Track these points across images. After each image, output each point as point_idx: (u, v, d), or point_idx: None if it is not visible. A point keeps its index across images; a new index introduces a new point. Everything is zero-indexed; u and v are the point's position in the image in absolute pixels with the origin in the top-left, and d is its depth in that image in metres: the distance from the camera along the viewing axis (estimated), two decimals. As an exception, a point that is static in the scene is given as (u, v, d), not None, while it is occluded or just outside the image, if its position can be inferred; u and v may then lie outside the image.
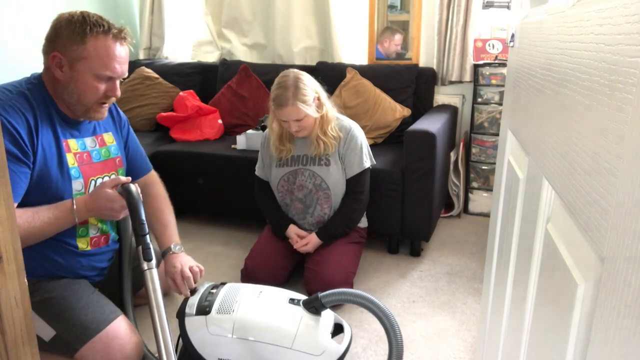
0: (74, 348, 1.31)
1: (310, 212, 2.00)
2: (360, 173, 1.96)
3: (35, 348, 0.75)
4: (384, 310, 1.26)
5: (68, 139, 1.39)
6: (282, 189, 2.02)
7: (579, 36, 0.50)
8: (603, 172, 0.40)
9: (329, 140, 1.91)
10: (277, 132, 1.95)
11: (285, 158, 1.98)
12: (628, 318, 0.35)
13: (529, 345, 0.66)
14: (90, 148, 1.45)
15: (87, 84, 1.32)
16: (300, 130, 1.90)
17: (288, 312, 1.35)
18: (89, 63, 1.30)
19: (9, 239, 0.67)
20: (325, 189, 1.96)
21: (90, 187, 1.42)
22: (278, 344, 1.30)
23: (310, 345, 1.31)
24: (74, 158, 1.39)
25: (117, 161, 1.52)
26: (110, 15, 3.36)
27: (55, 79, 1.33)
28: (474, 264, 2.20)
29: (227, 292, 1.42)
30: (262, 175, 2.09)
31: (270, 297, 1.41)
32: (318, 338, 1.32)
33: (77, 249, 1.42)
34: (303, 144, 1.97)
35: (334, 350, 1.32)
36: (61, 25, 1.31)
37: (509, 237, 0.87)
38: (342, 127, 1.96)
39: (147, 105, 3.05)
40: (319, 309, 1.35)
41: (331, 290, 1.34)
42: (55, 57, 1.30)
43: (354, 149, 1.94)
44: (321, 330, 1.35)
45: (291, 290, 1.47)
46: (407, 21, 2.93)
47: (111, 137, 1.53)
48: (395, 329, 1.24)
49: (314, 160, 1.96)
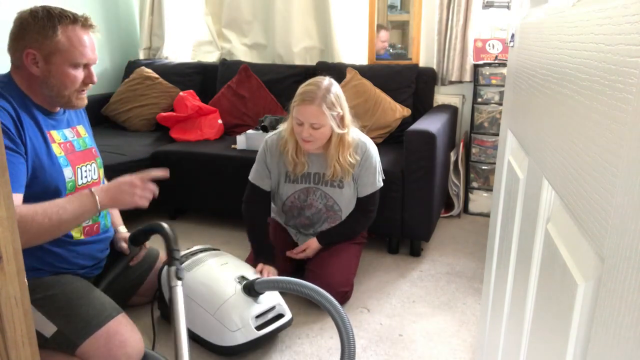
0: (75, 344, 1.32)
1: (315, 227, 2.00)
2: (372, 193, 1.94)
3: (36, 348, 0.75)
4: (322, 293, 1.37)
5: (50, 130, 1.42)
6: (290, 205, 1.97)
7: (579, 36, 0.50)
8: (603, 172, 0.40)
9: (345, 166, 1.83)
10: (294, 142, 1.84)
11: (298, 174, 1.89)
12: (628, 318, 0.35)
13: (529, 345, 0.66)
14: (71, 138, 1.49)
15: (65, 74, 1.35)
16: (311, 142, 1.77)
17: (227, 286, 1.57)
18: (64, 54, 1.33)
19: (9, 239, 0.67)
20: (337, 211, 1.94)
21: (78, 175, 1.45)
22: (204, 307, 1.55)
23: (229, 320, 1.52)
24: (59, 147, 1.42)
25: (93, 151, 1.56)
26: (111, 15, 3.37)
27: (31, 75, 1.34)
28: (474, 264, 2.20)
29: (201, 256, 1.72)
30: (262, 185, 1.93)
31: (226, 270, 1.66)
32: (239, 316, 1.52)
33: (72, 238, 1.45)
34: (318, 161, 1.89)
35: (249, 332, 1.52)
36: (28, 22, 1.32)
37: (509, 237, 0.87)
38: (357, 146, 1.86)
39: (147, 105, 3.05)
40: (251, 292, 1.55)
41: (269, 277, 1.56)
42: (29, 54, 1.32)
43: (369, 169, 1.89)
44: (247, 311, 1.55)
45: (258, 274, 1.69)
46: (407, 21, 2.93)
47: (83, 129, 1.57)
48: (339, 310, 1.34)
49: (326, 181, 1.89)
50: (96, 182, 1.54)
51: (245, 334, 1.52)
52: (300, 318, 1.78)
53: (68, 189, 1.41)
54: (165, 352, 1.61)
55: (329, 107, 1.73)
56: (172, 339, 1.66)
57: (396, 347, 1.63)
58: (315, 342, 1.67)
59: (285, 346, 1.65)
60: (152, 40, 3.47)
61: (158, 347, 1.63)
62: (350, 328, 1.32)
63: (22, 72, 1.35)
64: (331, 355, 1.60)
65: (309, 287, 1.40)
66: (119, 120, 3.11)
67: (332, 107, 1.74)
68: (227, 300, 1.53)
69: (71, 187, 1.42)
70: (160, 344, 1.65)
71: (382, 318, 1.80)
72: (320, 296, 1.37)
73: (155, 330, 1.69)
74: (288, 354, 1.61)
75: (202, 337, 1.58)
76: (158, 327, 1.71)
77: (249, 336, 1.52)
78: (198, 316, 1.57)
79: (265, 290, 1.54)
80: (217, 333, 1.53)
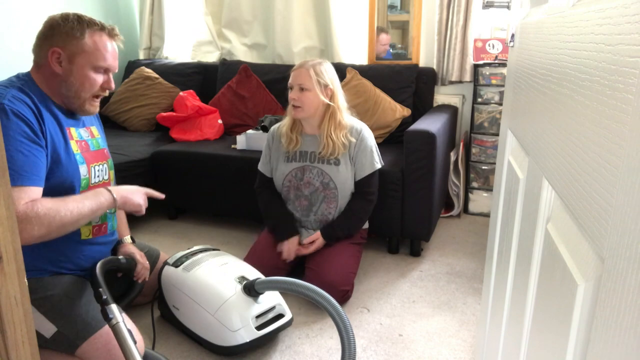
0: (75, 344, 1.32)
1: (314, 210, 2.00)
2: (371, 174, 1.97)
3: (36, 348, 0.75)
4: (322, 294, 1.38)
5: (70, 127, 1.44)
6: (288, 184, 2.01)
7: (579, 36, 0.50)
8: (603, 172, 0.40)
9: (338, 143, 1.92)
10: (291, 119, 1.98)
11: (293, 152, 1.99)
12: (628, 318, 0.35)
13: (529, 345, 0.66)
14: (86, 137, 1.51)
15: (85, 76, 1.39)
16: (300, 107, 1.90)
17: (228, 286, 1.57)
18: (88, 56, 1.38)
19: (9, 239, 0.67)
20: (332, 189, 1.96)
21: (92, 173, 1.47)
22: (204, 307, 1.56)
23: (230, 320, 1.52)
24: (76, 145, 1.44)
25: (105, 152, 1.59)
26: (111, 15, 3.37)
27: (53, 74, 1.37)
28: (474, 264, 2.20)
29: (201, 256, 1.72)
30: (265, 170, 2.08)
31: (226, 270, 1.67)
32: (240, 316, 1.53)
33: (80, 236, 1.46)
34: (313, 142, 1.98)
35: (250, 332, 1.53)
36: (58, 23, 1.37)
37: (509, 237, 0.87)
38: (352, 129, 1.96)
39: (147, 105, 3.05)
40: (251, 292, 1.55)
41: (269, 277, 1.55)
42: (55, 52, 1.35)
43: (365, 151, 1.95)
44: (247, 310, 1.55)
45: (257, 272, 1.70)
46: (407, 21, 2.93)
47: (96, 130, 1.59)
48: (339, 311, 1.34)
49: (322, 158, 1.96)
50: (107, 183, 1.55)
51: (246, 333, 1.52)
52: (300, 318, 1.78)
53: (82, 186, 1.43)
54: (166, 352, 1.61)
55: (316, 74, 1.90)
56: (172, 339, 1.67)
57: (396, 347, 1.63)
58: (315, 342, 1.67)
59: (285, 346, 1.65)
60: (152, 40, 3.47)
61: (158, 347, 1.63)
62: (351, 329, 1.32)
63: (44, 70, 1.38)
64: (331, 355, 1.60)
65: (309, 288, 1.40)
66: (119, 120, 3.11)
67: (320, 75, 1.91)
68: (228, 300, 1.53)
69: (85, 184, 1.44)
70: (160, 343, 1.65)
71: (382, 318, 1.80)
72: (320, 297, 1.37)
73: (155, 330, 1.69)
74: (288, 354, 1.61)
75: (202, 337, 1.58)
76: (158, 327, 1.71)
77: (249, 336, 1.52)
78: (198, 316, 1.57)
79: (265, 290, 1.55)
80: (218, 333, 1.53)
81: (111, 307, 1.30)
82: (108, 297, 1.32)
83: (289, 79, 1.95)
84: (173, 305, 1.66)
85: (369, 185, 1.98)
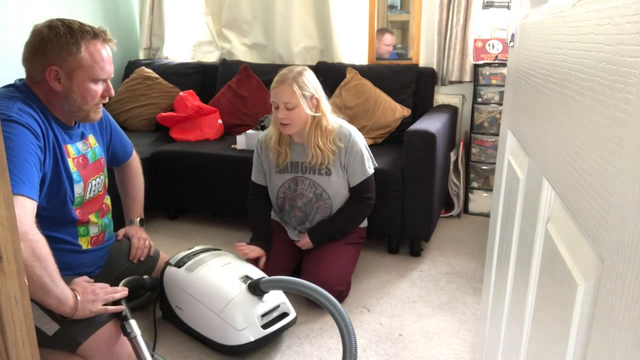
0: (77, 342, 1.32)
1: (310, 219, 2.00)
2: (364, 180, 1.93)
3: (36, 348, 0.75)
4: (325, 295, 1.38)
5: (67, 144, 1.43)
6: (282, 195, 1.99)
7: (579, 36, 0.50)
8: (603, 172, 0.40)
9: (327, 151, 1.86)
10: (277, 131, 1.91)
11: (284, 164, 1.94)
12: (628, 318, 0.35)
13: (529, 345, 0.66)
14: (84, 151, 1.50)
15: (86, 89, 1.37)
16: (288, 125, 1.82)
17: (232, 285, 1.57)
18: (87, 70, 1.35)
19: (9, 239, 0.67)
20: (326, 199, 1.94)
21: (88, 189, 1.47)
22: (209, 307, 1.55)
23: (235, 319, 1.52)
24: (72, 163, 1.43)
25: (102, 162, 1.58)
26: (111, 15, 3.37)
27: (51, 90, 1.35)
28: (474, 264, 2.20)
29: (203, 256, 1.72)
30: (259, 180, 2.03)
31: (229, 270, 1.65)
32: (245, 315, 1.53)
33: (81, 248, 1.48)
34: (302, 151, 1.93)
35: (256, 331, 1.53)
36: (49, 38, 1.31)
37: (509, 237, 0.87)
38: (341, 134, 1.89)
39: (147, 105, 3.05)
40: (257, 291, 1.55)
41: (273, 277, 1.55)
42: (52, 71, 1.32)
43: (356, 157, 1.90)
44: (252, 309, 1.55)
45: (260, 271, 1.70)
46: (407, 21, 2.93)
47: (94, 139, 1.58)
48: (342, 312, 1.34)
49: (313, 169, 1.92)
50: (101, 195, 1.55)
51: (251, 332, 1.52)
52: (301, 318, 1.78)
53: (75, 203, 1.43)
54: (166, 352, 1.61)
55: (300, 87, 1.80)
56: (172, 338, 1.67)
57: (396, 347, 1.63)
58: (315, 342, 1.67)
59: (285, 346, 1.65)
60: (152, 40, 3.47)
61: (159, 347, 1.63)
62: (352, 329, 1.32)
63: (41, 86, 1.35)
64: (331, 355, 1.60)
65: (312, 288, 1.40)
66: (119, 121, 3.09)
67: (304, 87, 1.81)
68: (233, 300, 1.53)
69: (79, 202, 1.44)
70: (160, 343, 1.65)
71: (382, 318, 1.80)
72: (323, 297, 1.37)
73: (157, 330, 1.69)
74: (288, 354, 1.61)
75: (207, 337, 1.58)
76: (159, 327, 1.71)
77: (255, 335, 1.52)
78: (203, 316, 1.57)
79: (270, 289, 1.55)
80: (223, 333, 1.53)
81: (130, 323, 1.36)
82: (127, 314, 1.38)
83: (271, 95, 1.85)
84: (176, 306, 1.66)
85: (366, 191, 1.96)
